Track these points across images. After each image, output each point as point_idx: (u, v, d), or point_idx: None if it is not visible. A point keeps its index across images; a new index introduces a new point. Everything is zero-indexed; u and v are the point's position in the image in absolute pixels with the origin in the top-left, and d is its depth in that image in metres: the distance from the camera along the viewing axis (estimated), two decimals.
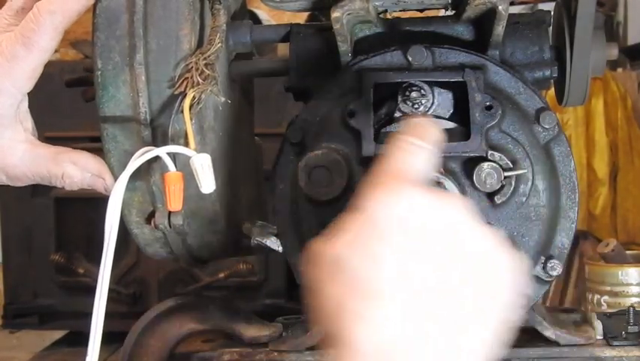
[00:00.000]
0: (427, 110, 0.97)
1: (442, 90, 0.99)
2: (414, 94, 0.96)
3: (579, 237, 3.64)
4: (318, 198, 0.97)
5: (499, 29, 0.97)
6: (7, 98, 0.90)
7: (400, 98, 0.97)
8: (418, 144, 0.64)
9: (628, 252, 1.90)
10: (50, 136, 0.96)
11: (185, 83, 0.89)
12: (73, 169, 0.93)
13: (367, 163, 0.97)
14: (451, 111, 0.99)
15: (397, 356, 0.57)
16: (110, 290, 0.89)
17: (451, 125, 0.98)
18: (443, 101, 0.99)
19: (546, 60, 1.05)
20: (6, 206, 2.84)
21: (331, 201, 0.98)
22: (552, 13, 1.09)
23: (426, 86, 0.97)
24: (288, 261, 1.03)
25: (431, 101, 0.97)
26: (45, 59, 0.89)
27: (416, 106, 0.97)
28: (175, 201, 0.88)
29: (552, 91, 1.14)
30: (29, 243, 2.85)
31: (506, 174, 0.95)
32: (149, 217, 0.98)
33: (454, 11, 1.05)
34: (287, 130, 1.00)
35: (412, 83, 0.97)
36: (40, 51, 0.88)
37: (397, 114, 0.98)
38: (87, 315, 0.89)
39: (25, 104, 0.93)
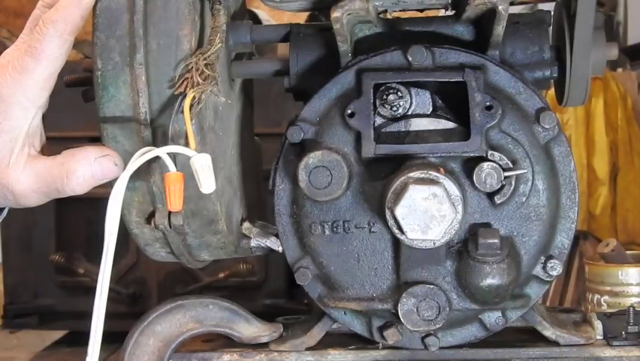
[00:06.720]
0: (406, 112, 0.97)
1: (420, 90, 0.99)
2: (391, 97, 0.97)
3: (579, 237, 3.65)
4: (318, 198, 0.97)
5: (499, 29, 0.97)
6: (20, 111, 0.89)
7: (377, 102, 0.97)
8: None
9: (628, 252, 1.90)
10: (50, 136, 0.95)
11: (185, 83, 0.89)
12: (75, 163, 0.90)
13: (367, 163, 0.98)
14: (431, 110, 0.99)
15: None
16: (110, 290, 0.89)
17: (451, 125, 0.98)
18: (421, 101, 0.99)
19: (546, 60, 1.05)
20: None
21: (331, 201, 0.98)
22: (552, 13, 1.08)
23: (402, 88, 0.97)
24: (288, 261, 1.03)
25: (409, 102, 0.97)
26: (56, 68, 0.89)
27: (395, 109, 0.97)
28: (175, 201, 0.88)
29: (552, 91, 1.14)
30: (29, 243, 2.85)
31: (506, 174, 0.95)
32: (149, 217, 0.98)
33: (454, 11, 1.05)
34: (287, 130, 1.00)
35: (389, 85, 0.97)
36: (49, 60, 0.88)
37: (377, 119, 0.98)
38: (87, 315, 0.89)
39: (38, 118, 0.91)
